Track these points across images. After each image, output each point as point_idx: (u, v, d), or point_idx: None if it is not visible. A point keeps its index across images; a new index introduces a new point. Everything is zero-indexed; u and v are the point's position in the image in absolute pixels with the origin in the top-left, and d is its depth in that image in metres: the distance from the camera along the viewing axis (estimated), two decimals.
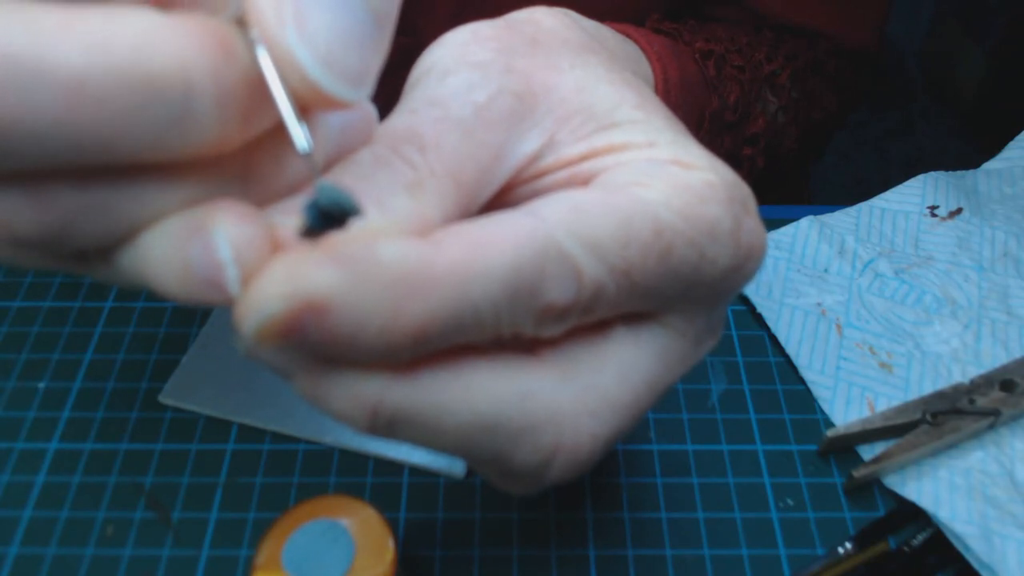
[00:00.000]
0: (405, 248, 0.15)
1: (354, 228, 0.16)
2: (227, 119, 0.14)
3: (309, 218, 0.15)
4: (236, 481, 0.35)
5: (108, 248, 0.16)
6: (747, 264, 0.20)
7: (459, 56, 0.20)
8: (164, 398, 0.37)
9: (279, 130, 0.16)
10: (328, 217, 0.15)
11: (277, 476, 0.35)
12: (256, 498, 0.34)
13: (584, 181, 0.20)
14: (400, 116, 0.19)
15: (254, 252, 0.15)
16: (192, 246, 0.15)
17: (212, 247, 0.15)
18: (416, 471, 0.35)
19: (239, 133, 0.15)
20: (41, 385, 0.38)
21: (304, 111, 0.15)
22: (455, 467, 0.35)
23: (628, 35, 0.33)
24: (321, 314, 0.15)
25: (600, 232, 0.17)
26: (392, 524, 0.33)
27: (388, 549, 0.26)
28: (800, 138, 0.48)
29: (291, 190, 0.17)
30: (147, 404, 0.37)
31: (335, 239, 0.15)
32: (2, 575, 0.32)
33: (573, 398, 0.18)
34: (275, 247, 0.16)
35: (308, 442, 0.36)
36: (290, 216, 0.16)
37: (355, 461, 0.36)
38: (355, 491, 0.35)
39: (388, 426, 0.17)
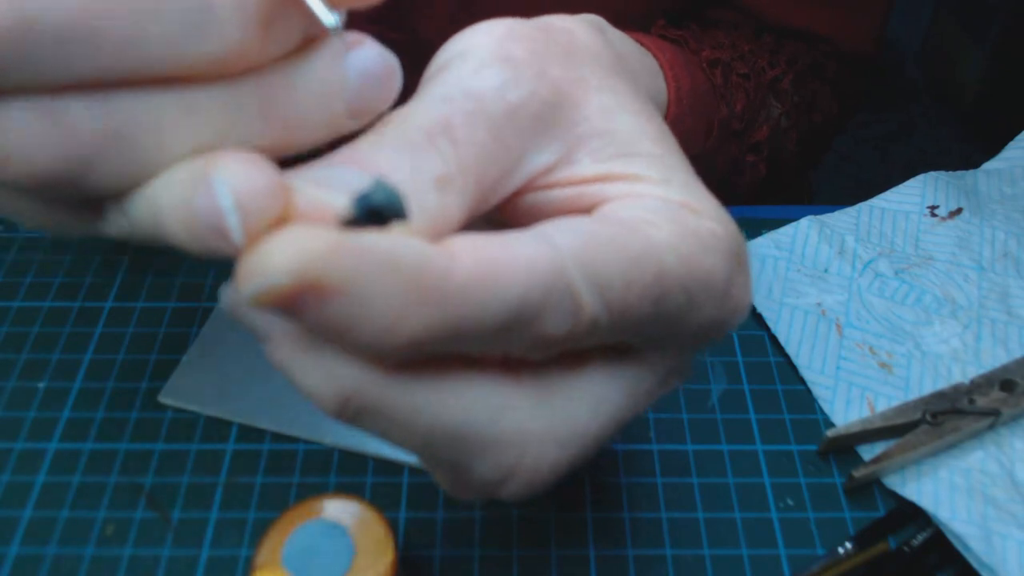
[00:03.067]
0: (425, 253, 0.15)
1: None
2: (247, 20, 0.14)
3: (356, 210, 0.14)
4: (236, 481, 0.35)
5: (123, 191, 0.15)
6: (731, 319, 0.20)
7: (495, 50, 0.19)
8: (164, 398, 0.37)
9: (295, 56, 0.15)
10: (374, 215, 0.14)
11: (277, 476, 0.35)
12: (256, 498, 0.34)
13: (591, 203, 0.20)
14: (432, 102, 0.18)
15: (258, 202, 0.14)
16: (197, 191, 0.14)
17: (213, 192, 0.14)
18: (416, 471, 0.35)
19: (259, 40, 0.15)
20: (41, 385, 0.38)
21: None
22: None
23: (644, 45, 0.33)
24: (325, 299, 0.14)
25: (608, 270, 0.17)
26: (392, 524, 0.33)
27: (388, 549, 0.26)
28: (801, 142, 0.49)
29: (307, 128, 0.17)
30: (147, 404, 0.37)
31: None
32: (2, 575, 0.32)
33: (543, 424, 0.18)
34: (293, 215, 0.15)
35: (308, 442, 0.36)
36: (311, 185, 0.16)
37: (355, 461, 0.36)
38: (355, 491, 0.35)
39: (355, 415, 0.17)
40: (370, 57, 0.17)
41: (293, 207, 0.15)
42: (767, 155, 0.45)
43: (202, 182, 0.14)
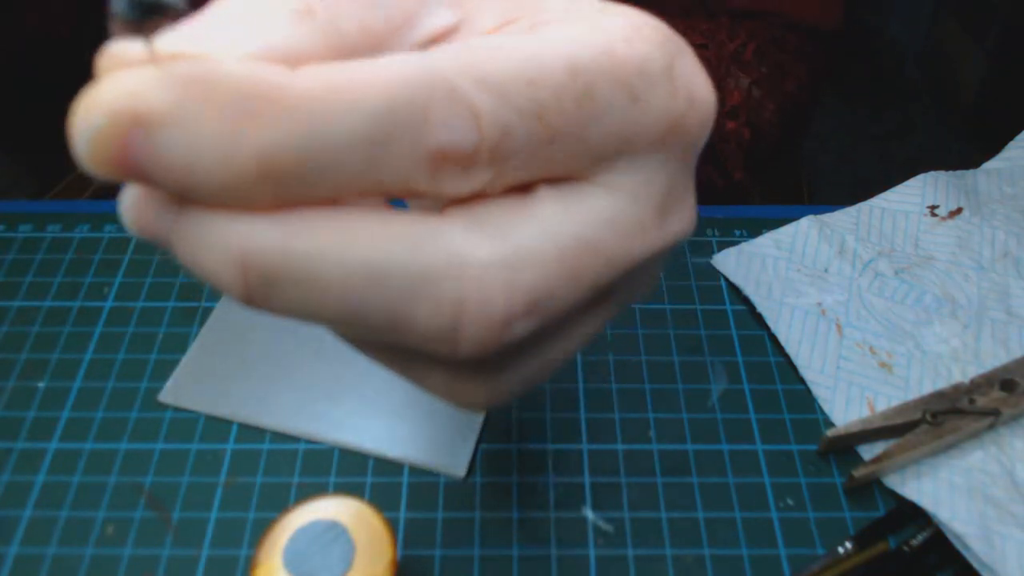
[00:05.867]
0: (253, 68, 0.14)
1: (204, 38, 0.15)
2: None
3: (119, 5, 0.13)
4: (236, 481, 0.35)
5: None
6: (691, 112, 0.18)
7: None
8: (164, 398, 0.37)
9: None
10: (140, 5, 0.13)
11: (277, 476, 0.35)
12: (256, 498, 0.34)
13: None
14: None
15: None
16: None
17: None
18: (416, 471, 0.35)
19: None
20: (41, 385, 0.38)
21: None
22: (455, 467, 0.35)
23: None
24: (148, 133, 0.14)
25: (501, 70, 0.15)
26: (392, 524, 0.33)
27: (388, 549, 0.26)
28: (779, 111, 0.48)
29: None
30: (147, 404, 0.37)
31: (177, 56, 0.14)
32: (2, 575, 0.32)
33: (478, 246, 0.16)
34: (119, 64, 0.14)
35: (308, 442, 0.36)
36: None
37: (355, 461, 0.36)
38: (355, 491, 0.35)
39: (262, 284, 0.15)
40: None
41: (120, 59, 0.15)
42: (746, 120, 0.45)
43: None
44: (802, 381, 0.38)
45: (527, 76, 0.15)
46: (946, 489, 0.34)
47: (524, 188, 0.17)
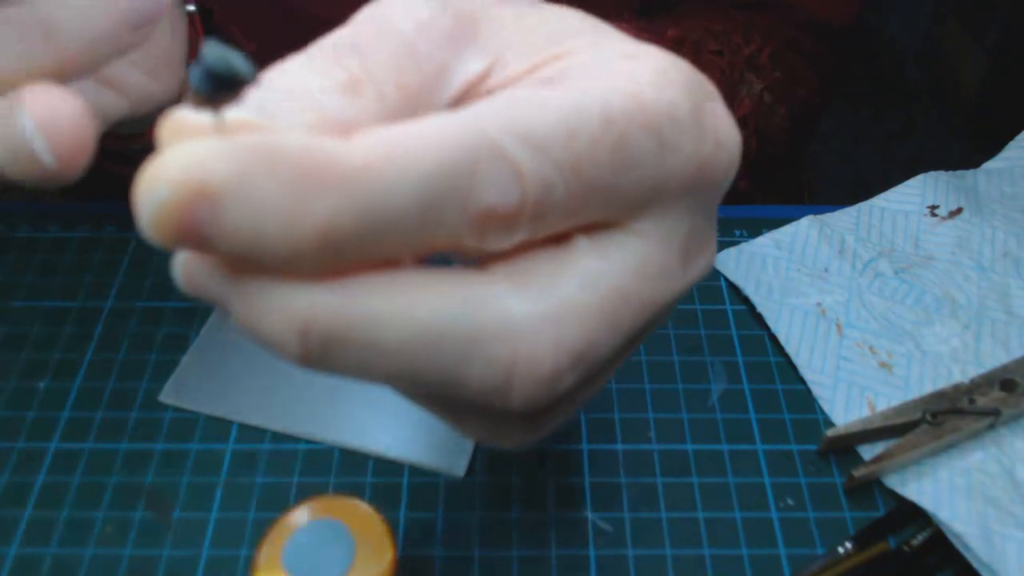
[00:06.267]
0: (312, 140, 0.14)
1: (267, 111, 0.15)
2: None
3: (195, 80, 0.14)
4: (236, 481, 0.35)
5: None
6: (718, 153, 0.18)
7: None
8: (164, 398, 0.37)
9: None
10: (216, 79, 0.14)
11: (277, 476, 0.35)
12: (256, 498, 0.34)
13: None
14: (342, 28, 0.18)
15: (59, 122, 0.15)
16: (9, 120, 0.16)
17: (20, 122, 0.15)
18: (416, 471, 0.35)
19: None
20: (41, 385, 0.38)
21: None
22: (455, 467, 0.35)
23: None
24: (213, 204, 0.14)
25: (540, 125, 0.16)
26: (392, 524, 0.33)
27: (388, 549, 0.26)
28: (789, 117, 0.48)
29: (93, 42, 0.18)
30: (147, 404, 0.37)
31: (241, 127, 0.15)
32: (2, 575, 0.32)
33: (526, 304, 0.16)
34: (183, 132, 0.15)
35: (308, 442, 0.36)
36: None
37: (355, 461, 0.36)
38: (355, 491, 0.35)
39: (322, 348, 0.15)
40: None
41: (183, 127, 0.15)
42: (754, 129, 0.45)
43: (12, 111, 0.15)
44: (802, 381, 0.38)
45: (565, 130, 0.16)
46: (946, 489, 0.34)
47: (560, 236, 0.18)
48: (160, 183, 0.14)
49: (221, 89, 0.14)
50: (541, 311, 0.16)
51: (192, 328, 0.40)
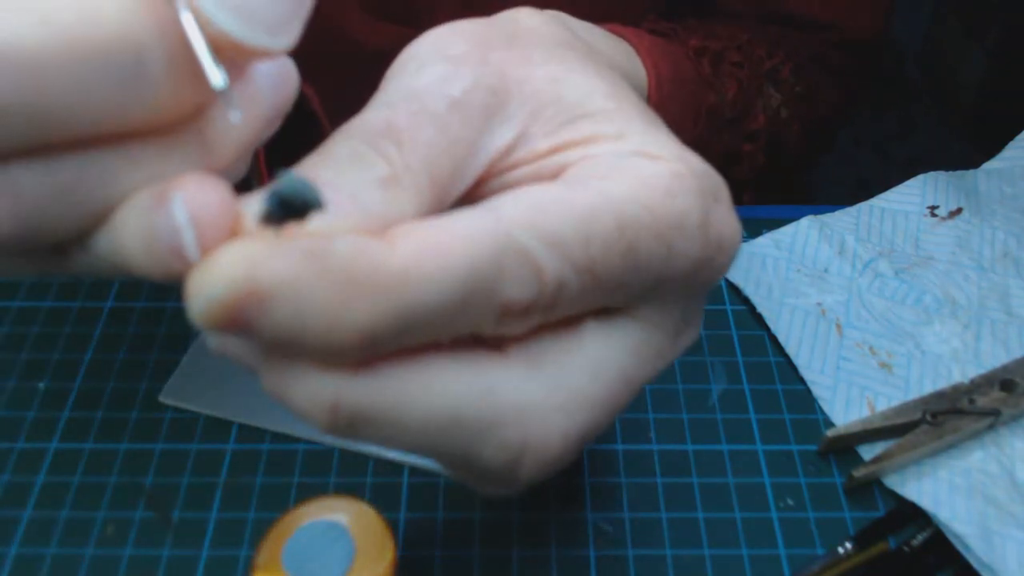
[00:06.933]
0: (358, 246, 0.15)
1: (319, 220, 0.16)
2: (179, 76, 0.14)
3: (268, 205, 0.15)
4: (236, 481, 0.35)
5: (84, 233, 0.16)
6: (718, 257, 0.20)
7: (436, 48, 0.20)
8: (164, 398, 0.37)
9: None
10: (288, 206, 0.14)
11: (277, 476, 0.35)
12: (256, 498, 0.34)
13: (552, 174, 0.20)
14: (377, 110, 0.19)
15: (212, 218, 0.15)
16: (156, 214, 0.15)
17: (171, 212, 0.15)
18: (416, 471, 0.35)
19: (192, 92, 0.15)
20: (41, 385, 0.38)
21: (230, 63, 0.15)
22: None
23: (619, 34, 0.33)
24: (264, 304, 0.15)
25: (561, 228, 0.17)
26: (392, 524, 0.33)
27: (388, 549, 0.26)
28: (804, 133, 0.48)
29: (241, 155, 0.17)
30: (147, 404, 0.37)
31: (294, 230, 0.15)
32: (2, 575, 0.32)
33: (540, 393, 0.18)
34: (236, 233, 0.15)
35: (308, 442, 0.36)
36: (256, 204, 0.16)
37: (355, 461, 0.36)
38: (355, 491, 0.35)
39: (349, 425, 0.17)
40: (272, 70, 0.17)
41: (237, 228, 0.16)
42: (765, 144, 0.45)
43: (161, 203, 0.15)
44: (802, 381, 0.38)
45: (584, 234, 0.17)
46: (946, 489, 0.34)
47: (571, 319, 0.19)
48: (216, 281, 0.14)
49: (291, 216, 0.15)
50: (553, 403, 0.18)
51: (192, 328, 0.40)
